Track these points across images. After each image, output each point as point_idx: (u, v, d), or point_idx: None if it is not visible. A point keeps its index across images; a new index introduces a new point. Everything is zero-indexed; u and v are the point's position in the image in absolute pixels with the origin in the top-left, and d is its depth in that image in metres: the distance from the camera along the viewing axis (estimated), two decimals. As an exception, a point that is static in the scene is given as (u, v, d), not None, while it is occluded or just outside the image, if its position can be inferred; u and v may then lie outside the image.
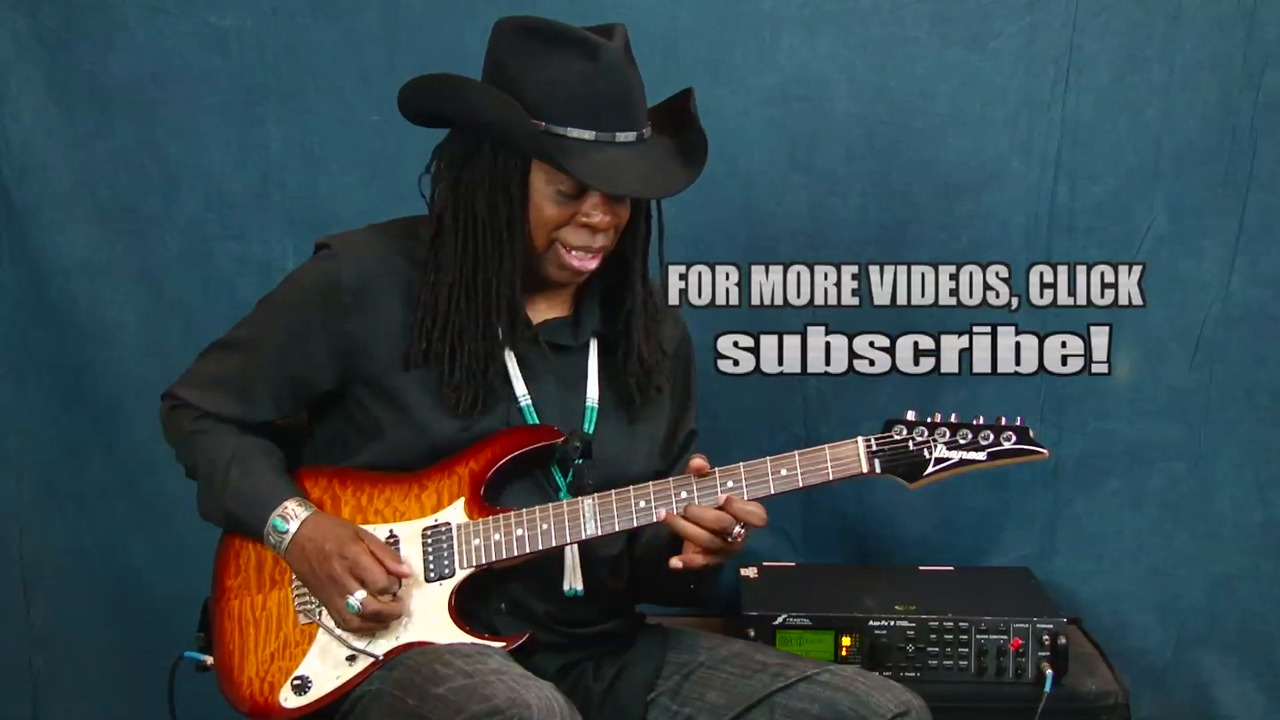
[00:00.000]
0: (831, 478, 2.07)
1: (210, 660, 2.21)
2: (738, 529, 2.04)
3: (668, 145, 2.13)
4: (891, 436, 2.07)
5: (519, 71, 2.05)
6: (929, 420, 2.08)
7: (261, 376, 2.19)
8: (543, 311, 2.21)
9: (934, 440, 2.07)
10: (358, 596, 2.06)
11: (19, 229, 2.99)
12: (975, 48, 2.90)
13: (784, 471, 2.07)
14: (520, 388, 2.16)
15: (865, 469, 2.07)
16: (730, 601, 2.74)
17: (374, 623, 2.09)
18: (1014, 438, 2.07)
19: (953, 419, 2.09)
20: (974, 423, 2.08)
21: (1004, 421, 2.08)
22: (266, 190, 2.99)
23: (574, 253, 2.10)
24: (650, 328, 2.22)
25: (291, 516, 2.13)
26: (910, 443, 2.07)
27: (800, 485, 2.07)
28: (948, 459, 2.07)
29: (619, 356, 2.21)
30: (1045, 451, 2.09)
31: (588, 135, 2.03)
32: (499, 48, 2.10)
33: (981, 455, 2.07)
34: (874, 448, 2.07)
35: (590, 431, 2.17)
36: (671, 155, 2.12)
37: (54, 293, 3.00)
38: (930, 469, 2.07)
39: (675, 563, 2.06)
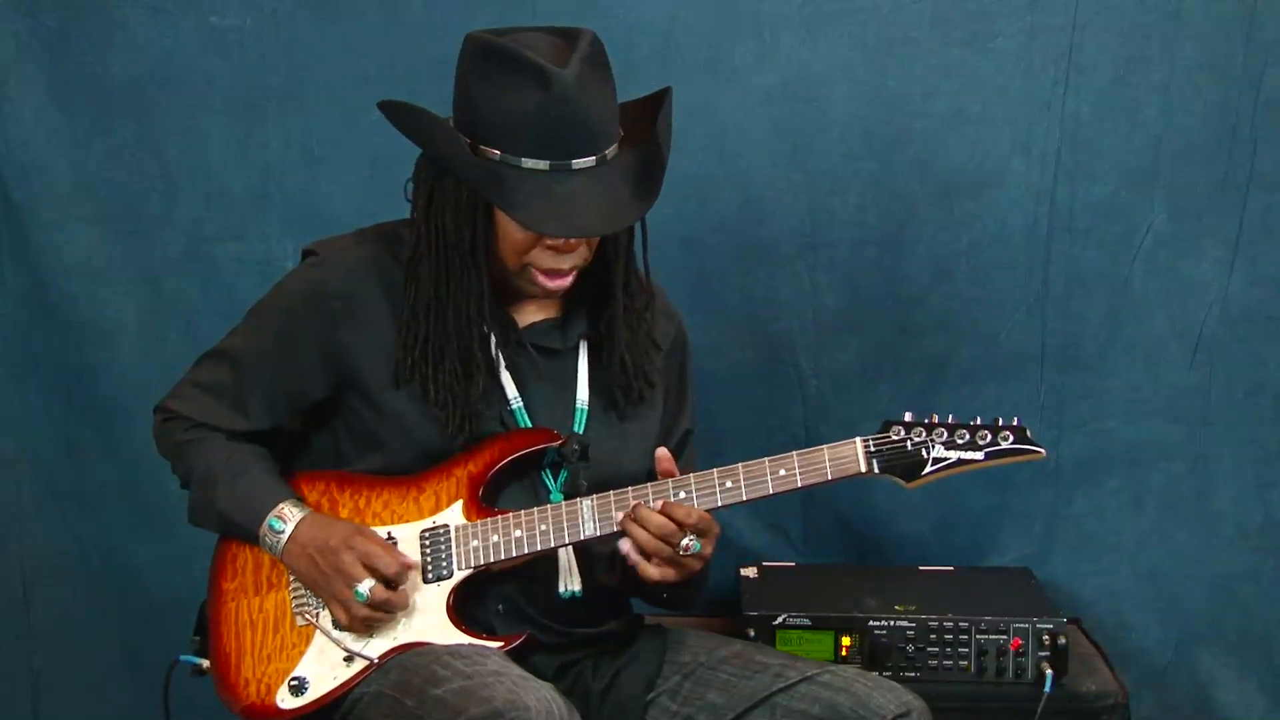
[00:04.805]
0: (830, 477, 2.08)
1: (206, 664, 2.21)
2: (686, 540, 2.03)
3: (631, 164, 2.08)
4: (889, 437, 2.09)
5: (477, 96, 2.03)
6: (926, 420, 2.10)
7: (254, 386, 2.20)
8: (531, 314, 2.21)
9: (932, 440, 2.08)
10: (367, 584, 2.06)
11: (19, 229, 2.98)
12: (975, 48, 2.89)
13: (782, 472, 2.08)
14: (511, 390, 2.17)
15: (863, 469, 2.08)
16: (730, 601, 2.74)
17: (379, 613, 2.09)
18: (1011, 437, 2.08)
19: (950, 419, 2.10)
20: (971, 423, 2.09)
21: (1001, 422, 2.09)
22: (266, 190, 2.99)
23: (545, 275, 2.10)
24: (637, 326, 2.21)
25: (288, 518, 2.13)
26: (908, 443, 2.08)
27: (799, 485, 2.08)
28: (945, 459, 2.09)
29: (603, 359, 2.21)
30: (1042, 451, 2.10)
31: (542, 165, 2.00)
32: (463, 67, 2.07)
33: (979, 455, 2.09)
34: (872, 448, 2.08)
35: (582, 432, 2.17)
36: (630, 178, 2.07)
37: (54, 293, 2.99)
38: (928, 469, 2.09)
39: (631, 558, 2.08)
